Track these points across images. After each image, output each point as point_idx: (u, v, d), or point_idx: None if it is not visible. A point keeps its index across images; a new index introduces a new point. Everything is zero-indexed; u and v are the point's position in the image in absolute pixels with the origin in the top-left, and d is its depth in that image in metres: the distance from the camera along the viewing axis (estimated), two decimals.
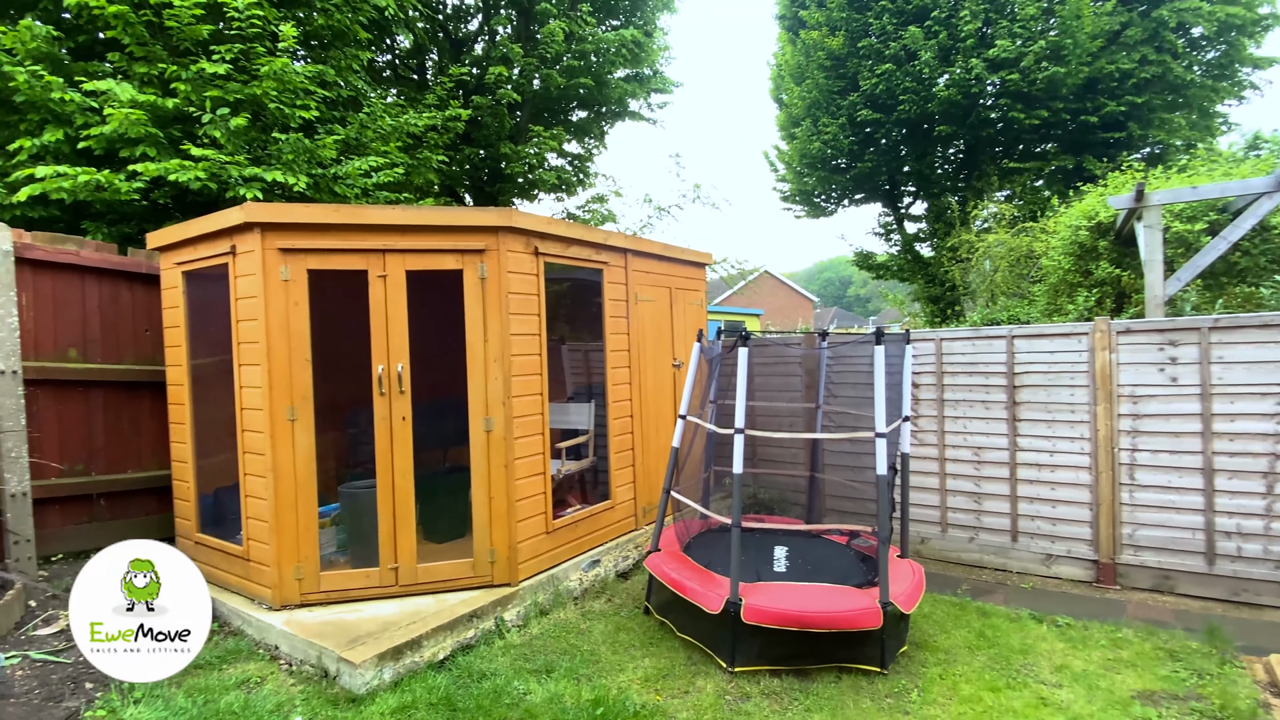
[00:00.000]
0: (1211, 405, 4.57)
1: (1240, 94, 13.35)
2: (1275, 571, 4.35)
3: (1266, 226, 6.31)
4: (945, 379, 5.65)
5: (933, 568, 5.38)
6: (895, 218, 17.01)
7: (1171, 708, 3.24)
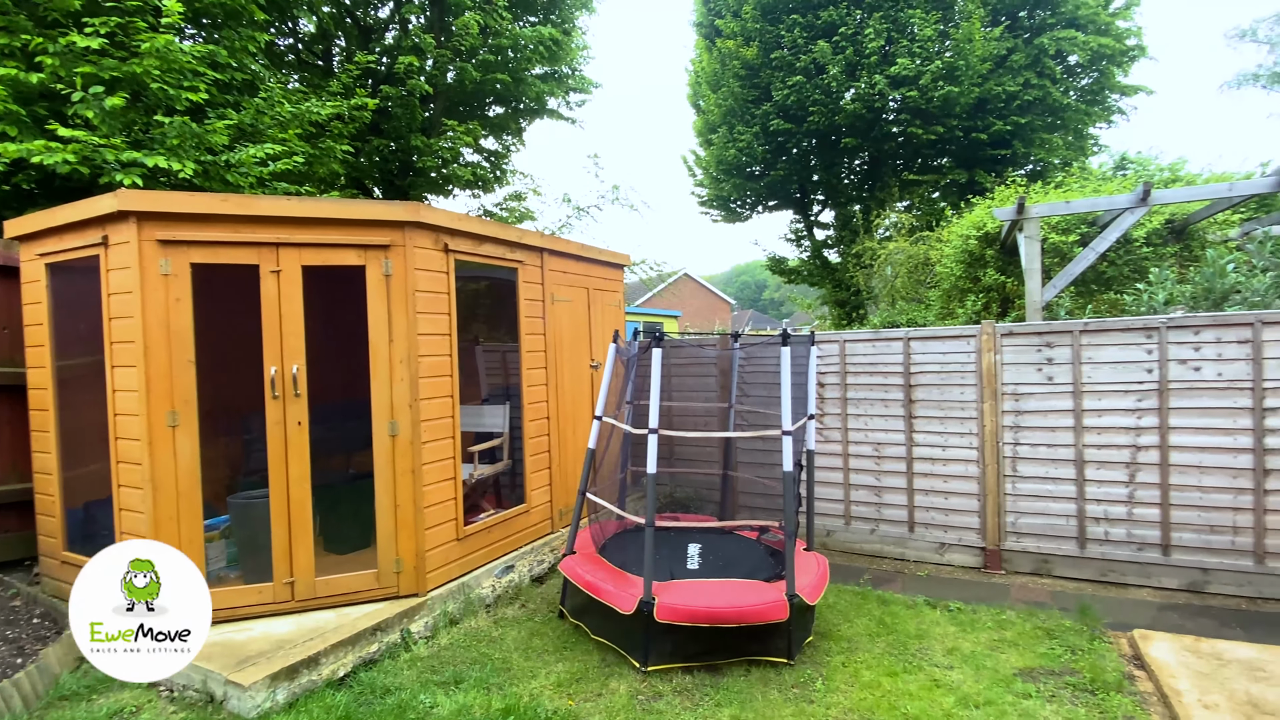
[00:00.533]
0: (1082, 402, 4.99)
1: (1110, 118, 14.74)
2: (1137, 553, 4.80)
3: (1129, 239, 6.99)
4: (849, 379, 5.90)
5: (838, 559, 5.61)
6: (806, 225, 17.69)
7: (1049, 683, 3.50)
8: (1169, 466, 4.71)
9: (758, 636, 3.75)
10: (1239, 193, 5.41)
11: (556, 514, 5.62)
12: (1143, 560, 4.77)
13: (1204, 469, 4.63)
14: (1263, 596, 4.47)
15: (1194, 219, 6.97)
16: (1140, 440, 4.80)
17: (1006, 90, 13.16)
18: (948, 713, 3.23)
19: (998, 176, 13.03)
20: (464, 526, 4.60)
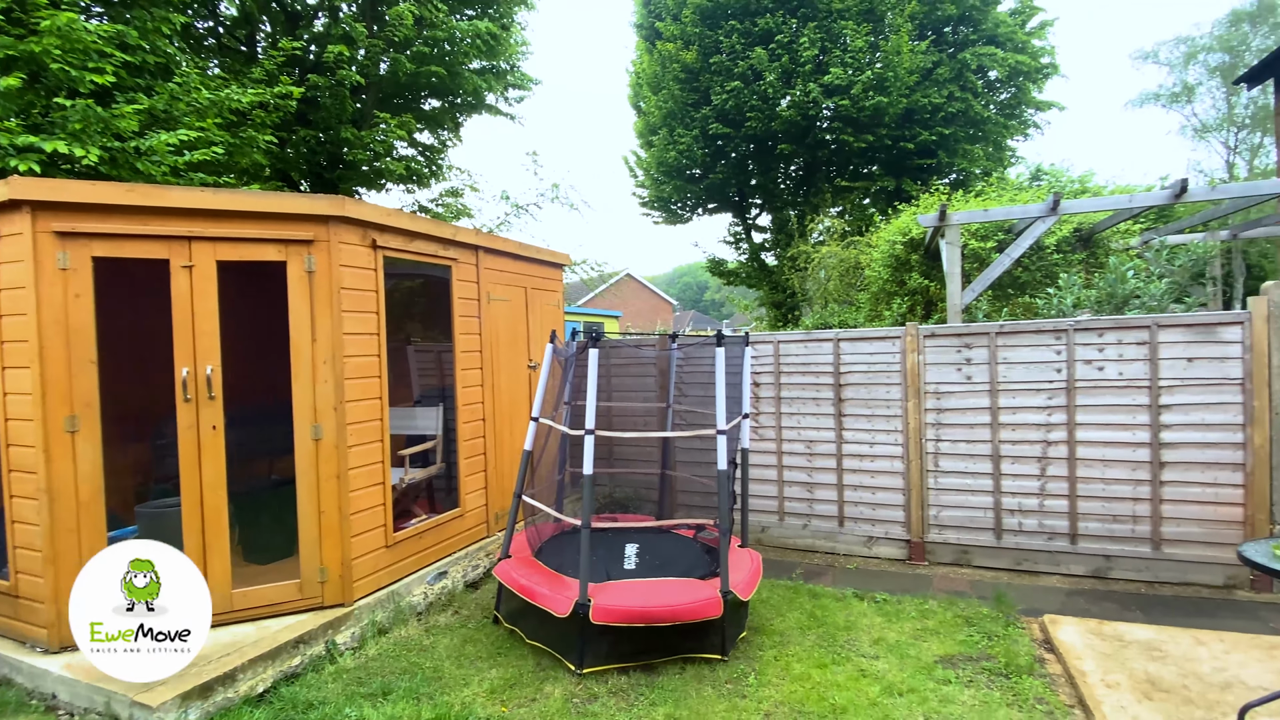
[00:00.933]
0: (998, 400, 5.26)
1: (1026, 131, 15.62)
2: (1048, 543, 5.10)
3: (1041, 246, 7.42)
4: (782, 378, 6.03)
5: (771, 554, 5.74)
6: (744, 228, 18.01)
7: (967, 669, 3.67)
8: (1076, 460, 5.02)
9: (693, 634, 3.78)
10: (1138, 204, 5.82)
11: (492, 518, 5.52)
12: (1053, 549, 5.06)
13: (1107, 462, 4.95)
14: (1160, 581, 4.82)
15: (1099, 228, 7.46)
16: (1050, 436, 5.09)
17: (932, 102, 13.77)
18: (873, 701, 3.35)
19: (923, 185, 13.61)
20: (394, 533, 4.47)
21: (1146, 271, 6.40)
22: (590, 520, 3.84)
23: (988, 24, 14.17)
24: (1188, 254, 7.95)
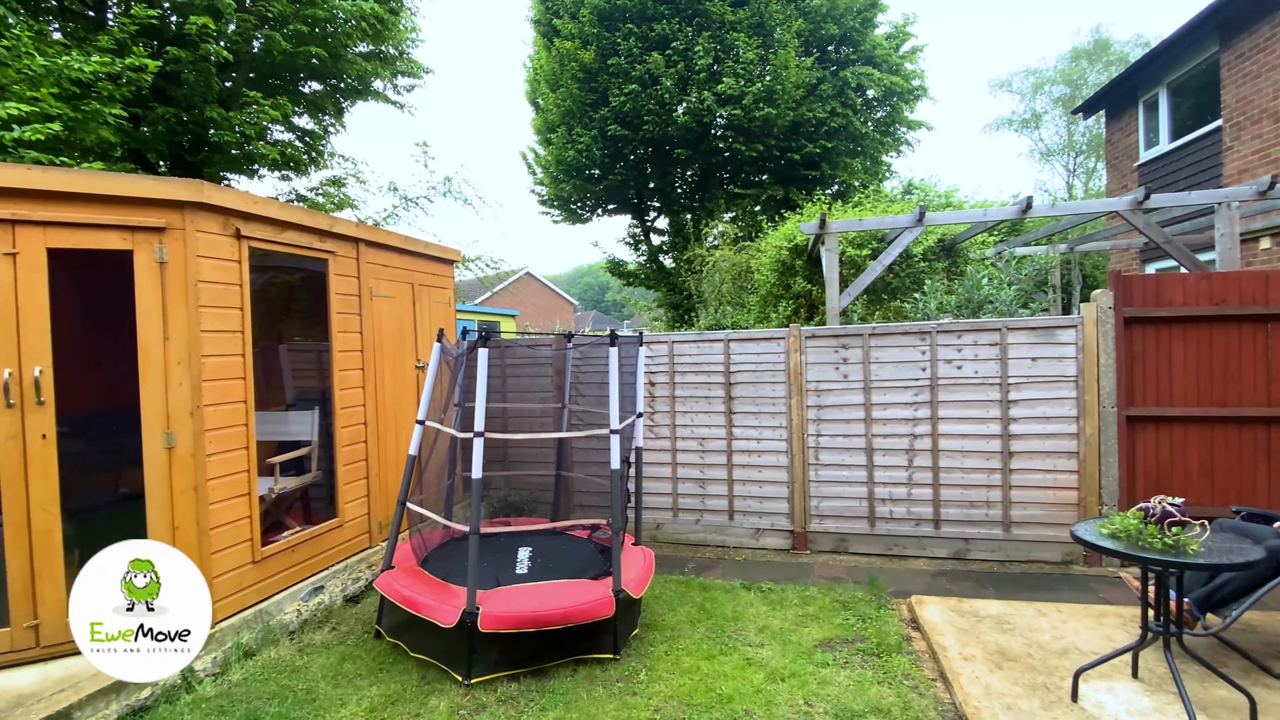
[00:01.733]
0: (871, 397, 5.62)
1: (899, 148, 16.82)
2: (915, 529, 5.50)
3: (910, 254, 8.01)
4: (677, 378, 6.15)
5: (666, 550, 5.83)
6: (642, 230, 18.23)
7: (843, 650, 3.89)
8: (939, 452, 5.45)
9: (585, 635, 3.76)
10: (992, 218, 6.42)
11: (375, 527, 5.25)
12: (919, 534, 5.48)
13: (965, 453, 5.42)
14: (1010, 560, 5.33)
15: (960, 239, 8.16)
16: (916, 430, 5.50)
17: (816, 116, 14.54)
18: (757, 688, 3.47)
19: (808, 194, 14.35)
20: (261, 548, 4.14)
21: (998, 279, 7.07)
22: (479, 525, 3.73)
23: (866, 45, 15.15)
24: (1032, 264, 8.87)
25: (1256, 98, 8.18)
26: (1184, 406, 5.03)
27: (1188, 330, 5.05)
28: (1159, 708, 3.12)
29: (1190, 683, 3.27)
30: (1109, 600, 4.48)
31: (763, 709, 3.30)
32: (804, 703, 3.36)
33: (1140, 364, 5.11)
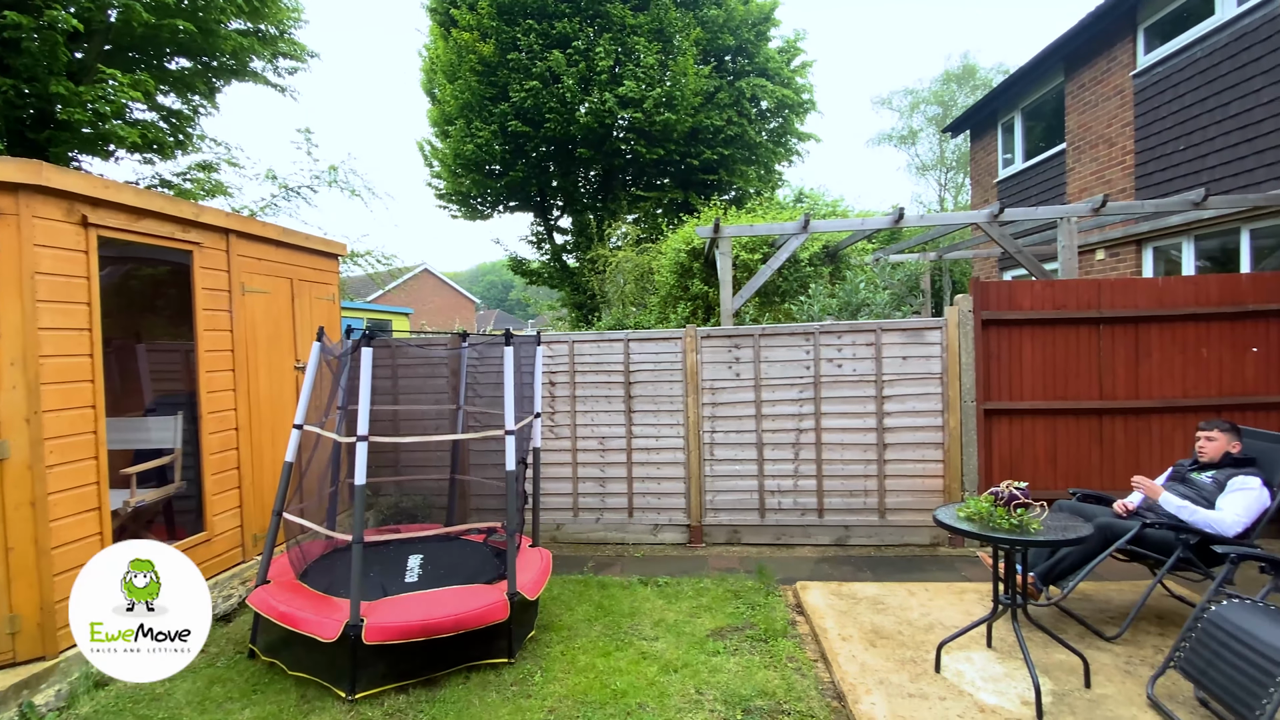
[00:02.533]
0: (762, 394, 5.87)
1: (790, 158, 17.63)
2: (801, 518, 5.80)
3: (797, 259, 8.42)
4: (577, 377, 6.16)
5: (566, 550, 5.82)
6: (545, 228, 18.05)
7: (734, 638, 4.04)
8: (822, 445, 5.77)
9: (479, 641, 3.69)
10: (869, 226, 6.87)
11: (249, 540, 4.89)
12: (805, 523, 5.78)
13: (845, 446, 5.77)
14: (885, 544, 5.72)
15: (842, 245, 8.68)
16: (802, 425, 5.80)
17: (714, 124, 14.98)
18: (651, 681, 3.54)
19: (707, 199, 14.75)
20: None
21: (875, 284, 7.58)
22: (362, 534, 3.57)
23: (760, 58, 15.78)
24: (905, 270, 9.57)
25: (1094, 124, 9.24)
26: (1032, 400, 5.61)
27: (1035, 332, 5.64)
28: (1008, 673, 3.46)
29: (1035, 648, 3.65)
30: (969, 578, 4.92)
31: (655, 701, 3.37)
32: (695, 691, 3.46)
33: (996, 362, 5.64)
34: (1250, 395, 5.45)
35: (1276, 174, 6.27)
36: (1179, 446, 5.42)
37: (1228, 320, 5.47)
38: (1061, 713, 3.09)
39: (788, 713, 3.27)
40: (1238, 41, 6.78)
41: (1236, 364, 5.48)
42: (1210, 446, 4.06)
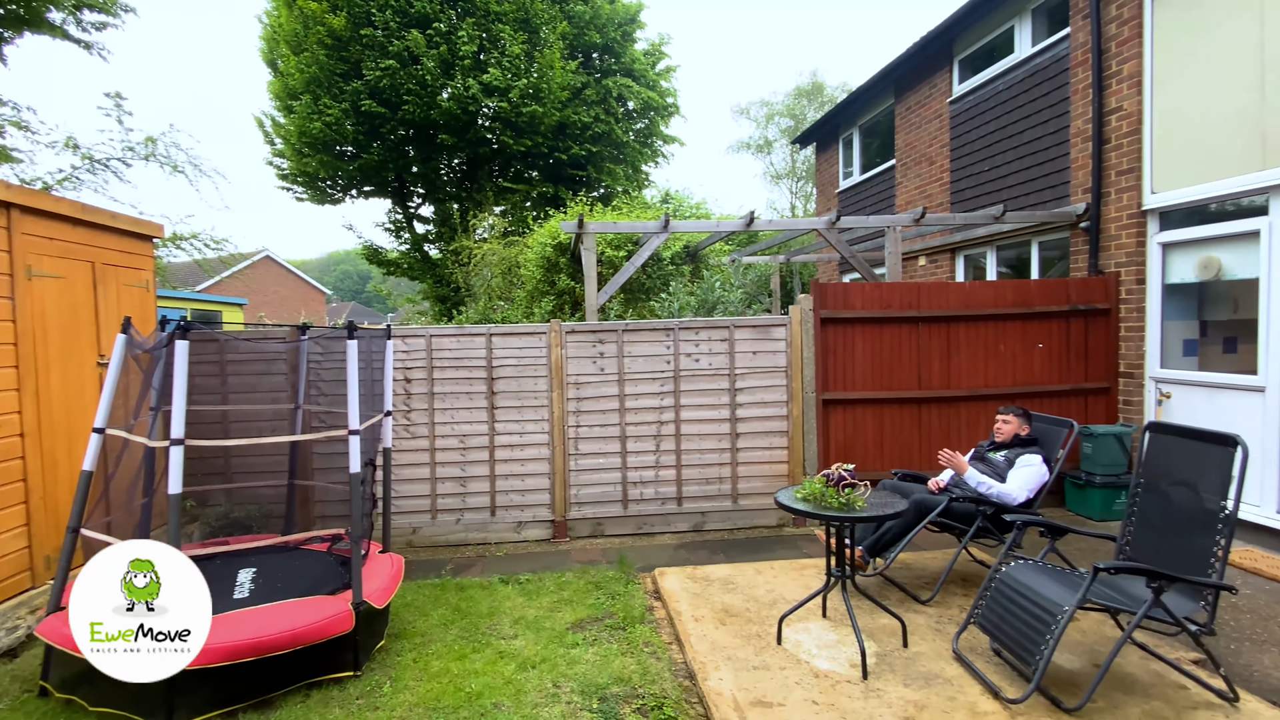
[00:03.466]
0: (625, 388, 5.99)
1: (657, 159, 18.08)
2: (661, 507, 5.99)
3: (660, 258, 8.67)
4: (435, 373, 5.93)
5: (423, 554, 5.60)
6: (405, 216, 17.17)
7: (593, 629, 4.09)
8: (681, 436, 6.00)
9: (321, 654, 3.45)
10: (724, 229, 7.23)
11: (40, 563, 4.23)
12: (665, 512, 5.98)
13: (703, 436, 6.03)
14: (738, 527, 6.05)
15: (702, 246, 9.05)
16: (663, 417, 5.99)
17: (582, 120, 15.02)
18: (508, 679, 3.50)
19: (576, 194, 14.76)
20: None
21: (730, 283, 7.99)
22: (181, 548, 3.21)
23: (627, 58, 16.02)
24: (757, 271, 10.17)
25: (918, 144, 10.32)
26: (864, 391, 6.18)
27: (866, 329, 6.21)
28: (840, 639, 3.80)
29: (862, 615, 4.03)
30: (809, 554, 5.33)
31: (511, 699, 3.34)
32: (552, 685, 3.47)
33: (833, 356, 6.15)
34: (1038, 384, 6.36)
35: (1060, 194, 7.36)
36: (982, 429, 6.21)
37: (1020, 320, 6.35)
38: (883, 671, 3.44)
39: (641, 696, 3.37)
40: (1032, 77, 7.86)
41: (1027, 358, 6.37)
42: (1005, 429, 4.69)
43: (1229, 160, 5.49)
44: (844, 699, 3.19)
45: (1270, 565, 4.75)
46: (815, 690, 3.28)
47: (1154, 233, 6.20)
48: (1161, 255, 6.14)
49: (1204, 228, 5.76)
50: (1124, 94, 6.42)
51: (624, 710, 3.26)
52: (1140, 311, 6.25)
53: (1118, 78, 6.48)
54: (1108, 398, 6.43)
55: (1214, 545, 3.16)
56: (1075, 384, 6.39)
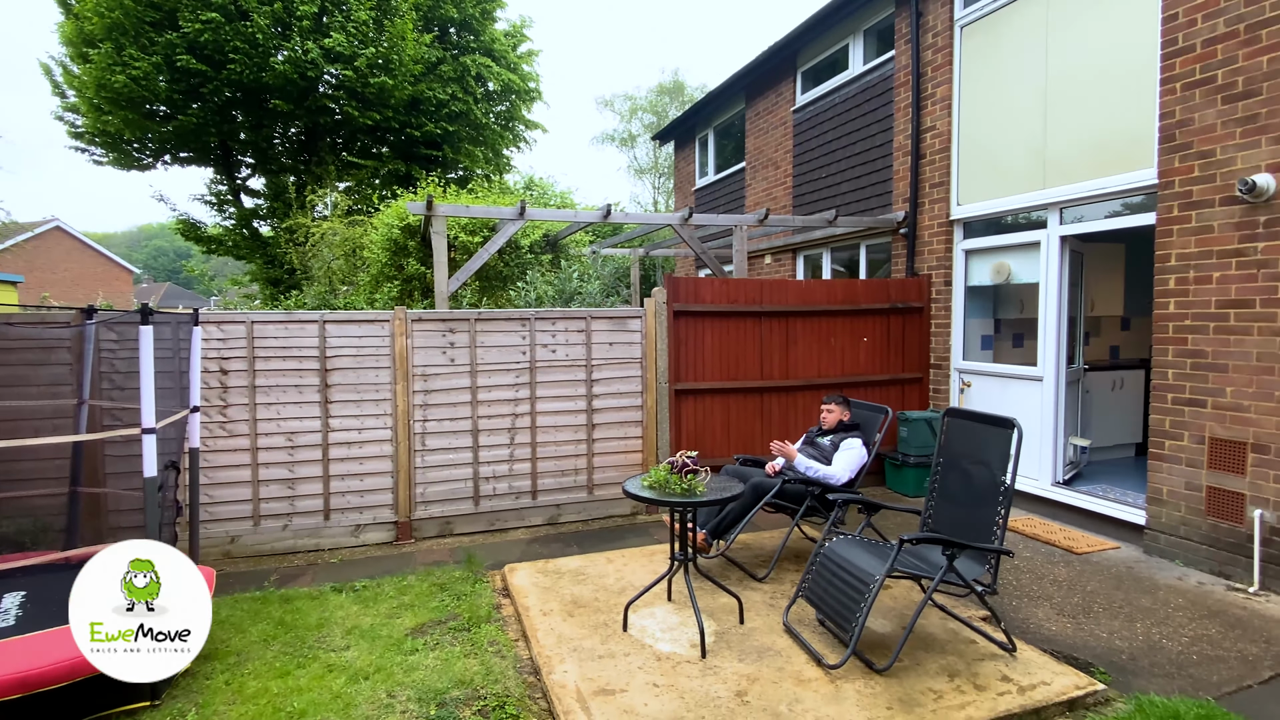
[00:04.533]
0: (478, 380, 5.79)
1: (519, 144, 17.64)
2: (515, 501, 5.87)
3: (519, 246, 8.48)
4: (259, 364, 5.38)
5: (243, 566, 5.07)
6: (231, 188, 15.40)
7: (435, 633, 3.91)
8: (536, 429, 5.91)
9: (111, 685, 3.00)
10: (581, 219, 7.21)
11: None
12: (519, 507, 5.87)
13: (559, 428, 5.98)
14: (593, 518, 6.07)
15: (561, 235, 8.97)
16: (518, 410, 5.87)
17: (437, 97, 14.28)
18: (336, 693, 3.26)
19: (431, 174, 14.04)
20: None
21: (589, 274, 8.00)
22: None
23: (486, 37, 15.45)
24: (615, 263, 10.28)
25: (765, 149, 10.91)
26: (713, 381, 6.44)
27: (715, 322, 6.47)
28: (683, 621, 3.92)
29: (704, 596, 4.20)
30: (659, 540, 5.47)
31: (340, 714, 3.11)
32: (387, 695, 3.28)
33: (685, 348, 6.35)
34: (863, 374, 6.97)
35: (885, 202, 8.10)
36: (816, 416, 6.70)
37: (849, 316, 6.93)
38: (720, 649, 3.60)
39: (483, 696, 3.28)
40: (864, 92, 8.57)
41: (854, 350, 6.97)
42: (829, 417, 5.09)
43: (1017, 179, 6.33)
44: (683, 679, 3.29)
45: (1047, 531, 5.57)
46: (657, 673, 3.36)
47: (959, 240, 7.02)
48: (965, 260, 6.96)
49: (997, 237, 6.60)
50: (937, 114, 7.18)
51: (464, 713, 3.16)
52: (947, 310, 7.05)
53: (932, 99, 7.23)
54: (920, 387, 7.21)
55: (996, 515, 3.63)
56: (894, 374, 7.09)
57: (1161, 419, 4.96)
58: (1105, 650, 3.65)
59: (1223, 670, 3.43)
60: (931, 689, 3.20)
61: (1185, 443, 4.80)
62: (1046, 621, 4.01)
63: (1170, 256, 4.94)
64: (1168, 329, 4.94)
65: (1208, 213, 4.70)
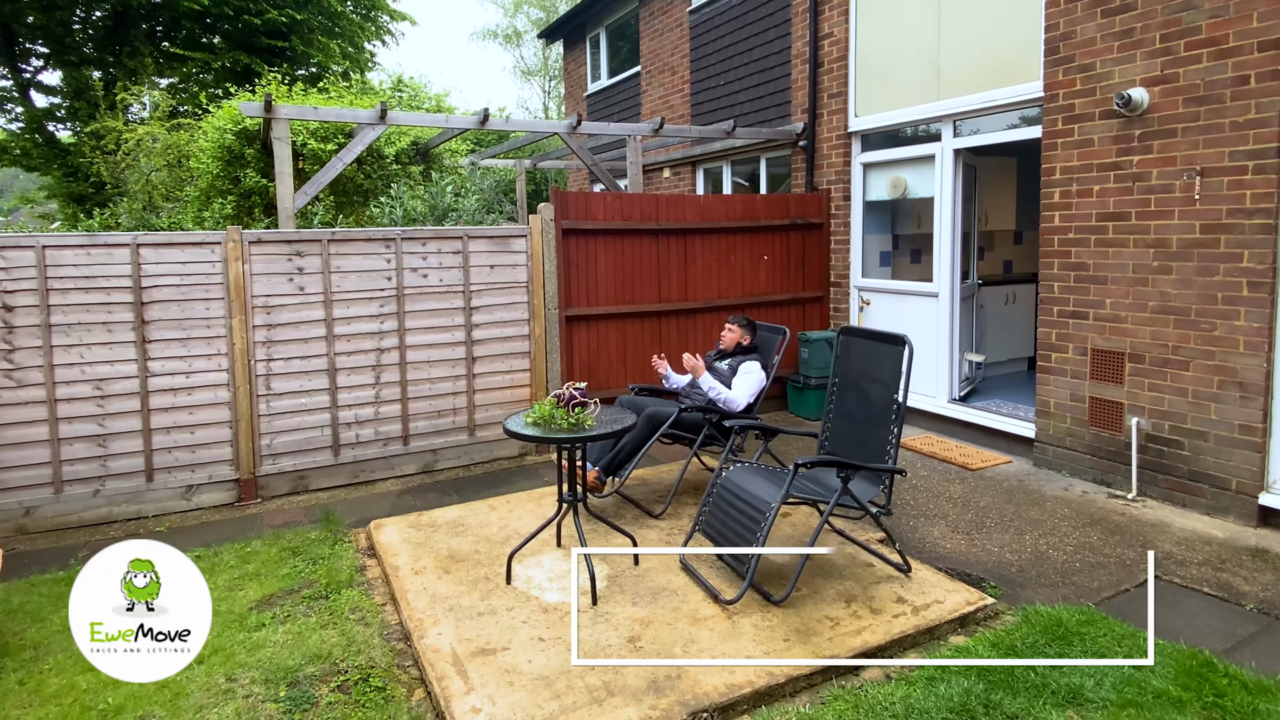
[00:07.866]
0: (333, 311, 5.02)
1: (382, 37, 15.61)
2: (384, 449, 5.26)
3: (382, 155, 7.44)
4: (53, 298, 4.37)
5: (43, 542, 4.24)
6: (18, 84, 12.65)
7: (286, 604, 3.39)
8: (407, 365, 5.26)
9: None
10: (454, 125, 6.34)
11: None
12: (389, 454, 5.27)
13: (433, 363, 5.36)
14: (475, 462, 5.57)
15: (433, 144, 7.97)
16: (384, 344, 5.18)
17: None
18: (163, 684, 2.75)
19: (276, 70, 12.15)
20: None
21: (466, 188, 7.17)
22: None
23: None
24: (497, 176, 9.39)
25: (661, 52, 10.14)
26: (606, 306, 6.00)
27: (608, 241, 5.96)
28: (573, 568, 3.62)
29: (597, 538, 3.90)
30: (550, 482, 5.07)
31: (167, 707, 2.65)
32: (226, 680, 2.81)
33: (576, 270, 5.82)
34: (764, 294, 6.74)
35: (784, 113, 7.70)
36: (716, 340, 6.48)
37: (748, 233, 6.61)
38: (613, 594, 3.33)
39: (344, 670, 2.86)
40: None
41: (754, 269, 6.70)
42: (729, 338, 4.80)
43: (912, 90, 6.09)
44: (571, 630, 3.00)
45: (944, 448, 5.67)
46: (543, 626, 3.06)
47: (857, 153, 6.79)
48: (863, 174, 6.77)
49: (893, 150, 6.41)
50: (835, 20, 6.76)
51: (320, 691, 2.75)
52: (846, 226, 6.89)
53: (830, 4, 6.79)
54: (821, 306, 7.10)
55: (890, 435, 3.50)
56: (795, 293, 6.92)
57: (1048, 332, 5.06)
58: (996, 564, 3.71)
59: (1103, 576, 3.56)
60: (828, 616, 3.10)
61: (1070, 355, 4.93)
62: (942, 540, 4.04)
63: (1055, 170, 4.92)
64: (1053, 243, 4.96)
65: (1089, 126, 4.68)
